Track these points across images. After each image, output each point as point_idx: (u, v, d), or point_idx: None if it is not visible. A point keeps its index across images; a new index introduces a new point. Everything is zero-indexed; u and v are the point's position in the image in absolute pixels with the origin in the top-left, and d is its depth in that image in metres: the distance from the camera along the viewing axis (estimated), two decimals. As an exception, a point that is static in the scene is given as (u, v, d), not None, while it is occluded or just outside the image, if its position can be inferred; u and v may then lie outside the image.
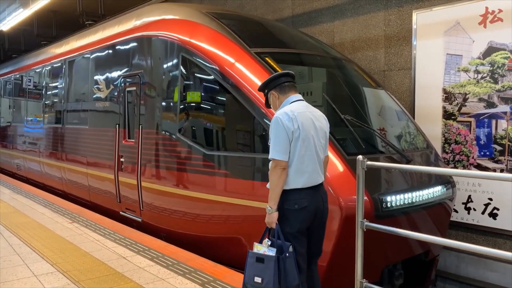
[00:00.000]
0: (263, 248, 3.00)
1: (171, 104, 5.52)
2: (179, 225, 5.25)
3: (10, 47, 17.66)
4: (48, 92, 9.79)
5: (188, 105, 5.36)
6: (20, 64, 12.23)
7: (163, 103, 5.65)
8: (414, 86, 6.30)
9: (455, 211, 5.76)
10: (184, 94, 5.36)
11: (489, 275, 5.59)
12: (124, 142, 6.34)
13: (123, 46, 6.61)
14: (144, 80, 5.95)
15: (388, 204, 4.00)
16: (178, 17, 5.85)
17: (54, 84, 9.40)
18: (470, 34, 5.67)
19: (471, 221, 5.74)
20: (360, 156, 3.31)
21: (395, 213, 4.09)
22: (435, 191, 4.55)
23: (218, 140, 5.12)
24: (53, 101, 9.46)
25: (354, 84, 5.86)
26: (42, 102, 10.03)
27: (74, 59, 8.37)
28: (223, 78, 4.82)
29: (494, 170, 5.47)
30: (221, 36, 5.16)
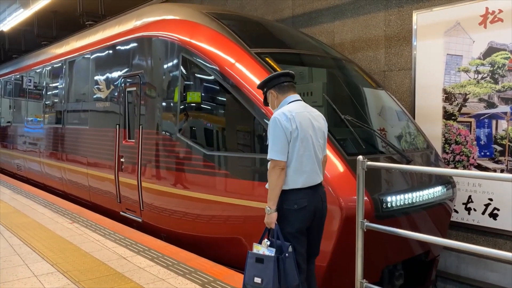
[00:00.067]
0: (262, 248, 3.00)
1: (171, 104, 5.52)
2: (179, 225, 5.25)
3: (11, 47, 17.67)
4: (48, 92, 9.79)
5: (188, 105, 5.36)
6: (20, 65, 12.23)
7: (164, 104, 5.66)
8: (414, 86, 6.30)
9: (456, 211, 5.76)
10: (184, 94, 5.36)
11: (489, 276, 5.59)
12: (124, 142, 6.34)
13: (123, 46, 6.61)
14: (145, 81, 5.96)
15: (388, 205, 4.00)
16: (178, 17, 5.85)
17: (54, 84, 9.40)
18: (470, 35, 5.67)
19: (471, 221, 5.74)
20: (361, 157, 3.31)
21: (395, 213, 4.09)
22: (436, 192, 4.55)
23: (218, 140, 5.12)
24: (53, 101, 9.47)
25: (354, 84, 5.86)
26: (43, 102, 10.03)
27: (75, 59, 8.37)
28: (223, 79, 4.82)
29: (495, 171, 5.47)
30: (221, 37, 5.16)
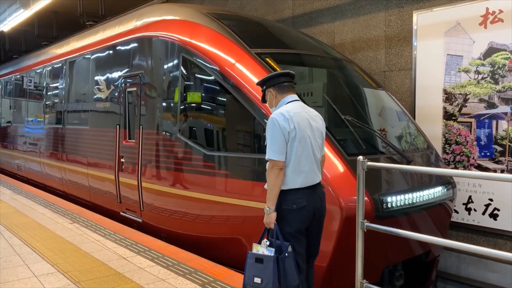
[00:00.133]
0: (262, 248, 3.00)
1: (171, 104, 5.52)
2: (180, 225, 5.25)
3: (11, 48, 17.68)
4: (48, 93, 9.80)
5: (189, 105, 5.36)
6: (20, 65, 12.23)
7: (164, 104, 5.66)
8: (414, 86, 6.30)
9: (456, 211, 5.76)
10: (185, 94, 5.36)
11: (489, 276, 5.59)
12: (124, 142, 6.34)
13: (123, 46, 6.61)
14: (145, 81, 5.96)
15: (388, 205, 4.00)
16: (178, 17, 5.85)
17: (54, 85, 9.41)
18: (471, 35, 5.67)
19: (471, 221, 5.73)
20: (361, 157, 3.32)
21: (395, 213, 4.09)
22: (436, 192, 4.54)
23: (218, 140, 5.12)
24: (53, 101, 9.47)
25: (355, 84, 5.86)
26: (43, 102, 10.04)
27: (75, 59, 8.37)
28: (224, 79, 4.83)
29: (495, 171, 5.47)
30: (221, 37, 5.16)
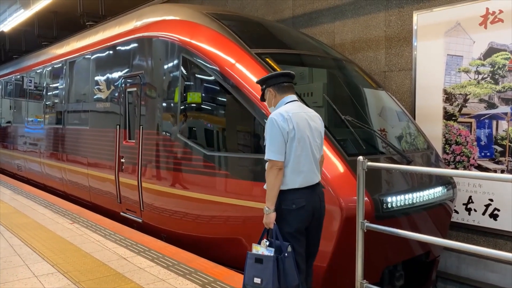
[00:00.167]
0: (261, 248, 3.00)
1: (171, 104, 5.52)
2: (180, 225, 5.25)
3: (11, 48, 17.69)
4: (48, 93, 9.80)
5: (189, 105, 5.36)
6: (21, 65, 12.24)
7: (164, 104, 5.66)
8: (414, 86, 6.30)
9: (456, 212, 5.75)
10: (185, 94, 5.36)
11: (489, 276, 5.59)
12: (124, 142, 6.34)
13: (123, 47, 6.62)
14: (145, 81, 5.96)
15: (388, 205, 4.00)
16: (178, 18, 5.85)
17: (54, 85, 9.41)
18: (471, 35, 5.67)
19: (471, 222, 5.73)
20: (361, 157, 3.32)
21: (395, 214, 4.09)
22: (436, 192, 4.54)
23: (218, 140, 5.12)
24: (53, 101, 9.47)
25: (355, 84, 5.86)
26: (43, 102, 10.04)
27: (75, 59, 8.37)
28: (224, 79, 4.83)
29: (495, 171, 5.47)
30: (221, 37, 5.16)
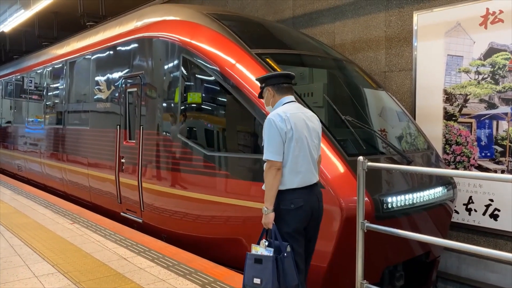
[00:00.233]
0: (260, 249, 3.01)
1: (172, 105, 5.52)
2: (180, 226, 5.25)
3: (11, 48, 17.70)
4: (49, 93, 9.80)
5: (189, 106, 5.36)
6: (21, 65, 12.25)
7: (164, 104, 5.66)
8: (415, 87, 6.30)
9: (456, 212, 5.75)
10: (185, 95, 5.37)
11: (490, 276, 5.58)
12: (125, 143, 6.34)
13: (124, 47, 6.62)
14: (145, 81, 5.96)
15: (388, 205, 4.00)
16: (179, 18, 5.86)
17: (55, 85, 9.41)
18: (471, 35, 5.67)
19: (472, 222, 5.73)
20: (361, 157, 3.32)
21: (395, 214, 4.09)
22: (436, 192, 4.54)
23: (219, 141, 5.12)
24: (54, 102, 9.47)
25: (355, 85, 5.86)
26: (43, 103, 10.04)
27: (75, 60, 8.38)
28: (224, 79, 4.83)
29: (495, 171, 5.46)
30: (221, 37, 5.17)
